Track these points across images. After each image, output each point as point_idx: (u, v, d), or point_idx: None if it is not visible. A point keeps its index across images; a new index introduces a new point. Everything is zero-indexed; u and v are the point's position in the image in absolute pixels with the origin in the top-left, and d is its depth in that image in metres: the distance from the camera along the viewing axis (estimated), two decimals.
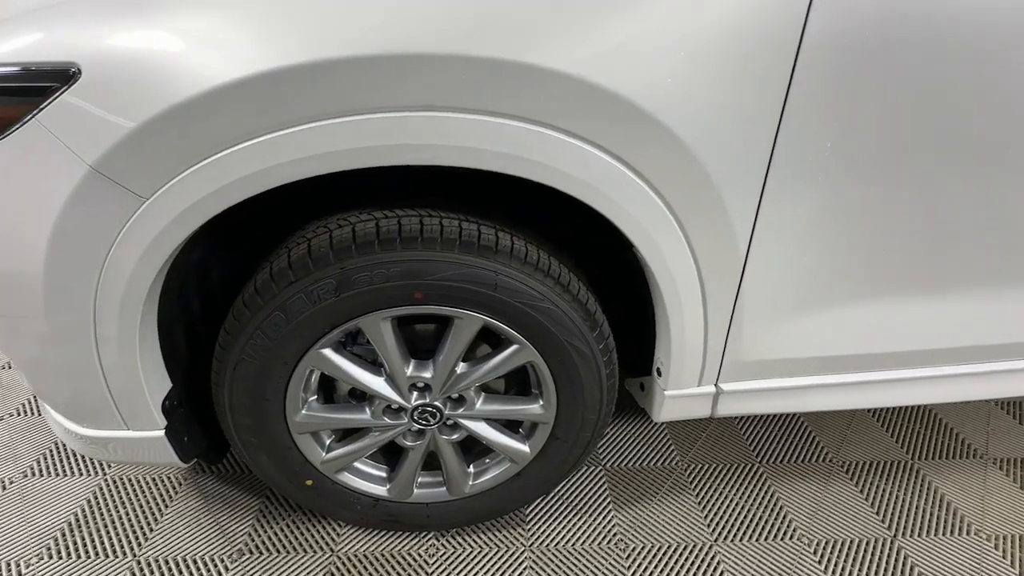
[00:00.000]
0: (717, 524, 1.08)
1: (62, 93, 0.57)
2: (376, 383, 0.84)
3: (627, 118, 0.62)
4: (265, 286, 0.73)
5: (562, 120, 0.61)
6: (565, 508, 1.11)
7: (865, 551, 1.04)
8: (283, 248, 0.75)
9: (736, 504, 1.13)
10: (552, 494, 1.14)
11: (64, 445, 1.23)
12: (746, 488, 1.17)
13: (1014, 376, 0.93)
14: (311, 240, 0.72)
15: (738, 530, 1.07)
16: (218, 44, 0.56)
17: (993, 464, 1.25)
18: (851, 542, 1.05)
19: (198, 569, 0.98)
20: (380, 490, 0.97)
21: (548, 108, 0.60)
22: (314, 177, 0.64)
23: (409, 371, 0.83)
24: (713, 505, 1.13)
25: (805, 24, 0.61)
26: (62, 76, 0.57)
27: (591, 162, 0.65)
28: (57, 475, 1.17)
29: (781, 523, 1.09)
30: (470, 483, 0.98)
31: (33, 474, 1.17)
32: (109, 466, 1.19)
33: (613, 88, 0.59)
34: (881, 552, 1.03)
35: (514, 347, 0.82)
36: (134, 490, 1.13)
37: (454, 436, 0.92)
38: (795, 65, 0.63)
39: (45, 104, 0.58)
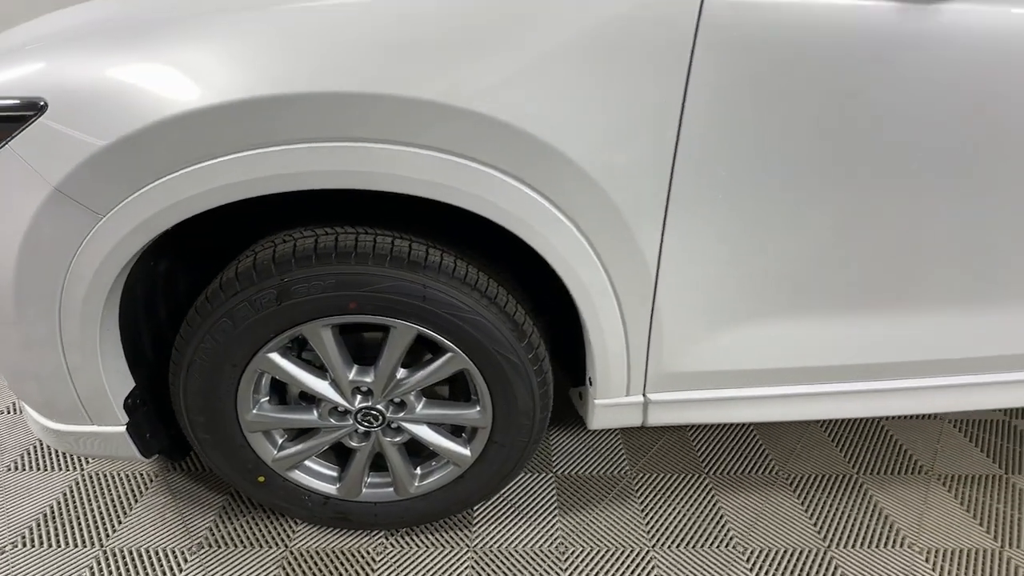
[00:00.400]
0: (657, 531, 1.13)
1: (31, 123, 0.66)
2: (320, 386, 0.90)
3: (528, 148, 0.69)
4: (215, 295, 0.80)
5: (470, 150, 0.68)
6: (511, 512, 1.16)
7: (797, 560, 1.07)
8: (234, 261, 0.83)
9: (678, 512, 1.17)
10: (500, 498, 1.19)
11: None
12: (690, 498, 1.21)
13: (928, 393, 0.98)
14: (258, 253, 0.80)
15: (676, 537, 1.11)
16: (162, 84, 0.64)
17: (937, 481, 1.28)
18: (784, 551, 1.09)
19: (159, 560, 1.04)
20: (330, 488, 1.03)
21: (453, 139, 0.68)
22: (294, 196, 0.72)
23: (351, 375, 0.90)
24: (656, 513, 1.17)
25: (691, 61, 0.67)
26: (32, 108, 0.66)
27: (502, 188, 0.71)
28: (38, 469, 1.24)
29: (719, 532, 1.13)
30: (416, 484, 1.03)
31: (16, 468, 1.25)
32: (87, 462, 1.26)
33: (508, 120, 0.66)
34: (813, 562, 1.07)
35: (448, 355, 0.88)
36: (108, 484, 1.21)
37: (397, 438, 0.98)
38: (685, 99, 0.69)
39: (17, 132, 0.66)
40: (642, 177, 0.73)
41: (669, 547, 1.09)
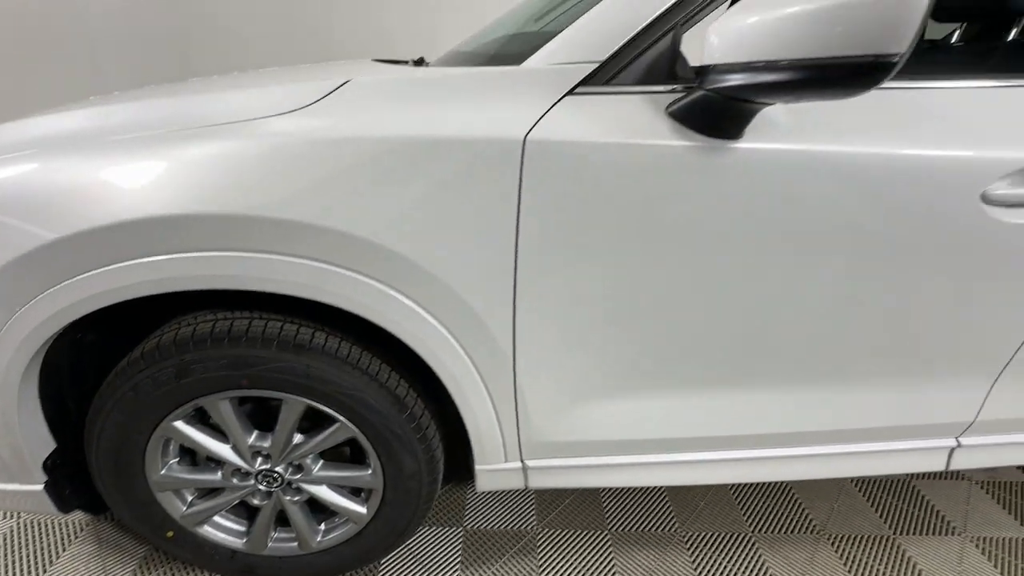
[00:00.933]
0: None
1: None
2: (222, 450, 1.00)
3: (383, 258, 0.80)
4: (123, 371, 0.91)
5: (337, 258, 0.80)
6: (416, 566, 1.24)
7: None
8: (144, 341, 0.94)
9: (573, 570, 1.24)
10: (408, 552, 1.27)
11: None
12: (587, 554, 1.28)
13: (770, 462, 1.07)
14: (162, 335, 0.91)
15: None
16: (57, 209, 0.76)
17: (827, 540, 1.35)
18: None
19: None
20: (237, 543, 1.11)
21: (320, 250, 0.79)
22: None
23: (251, 440, 1.00)
24: (551, 570, 1.24)
25: (520, 187, 0.79)
26: None
27: (367, 291, 0.83)
28: None
29: None
30: (318, 539, 1.11)
31: None
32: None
33: (362, 235, 0.78)
34: None
35: (337, 424, 0.98)
36: (41, 532, 1.28)
37: (297, 497, 1.07)
38: (518, 220, 0.81)
39: None
40: (491, 282, 0.85)
41: None
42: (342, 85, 0.83)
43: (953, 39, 1.40)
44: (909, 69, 0.84)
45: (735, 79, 0.71)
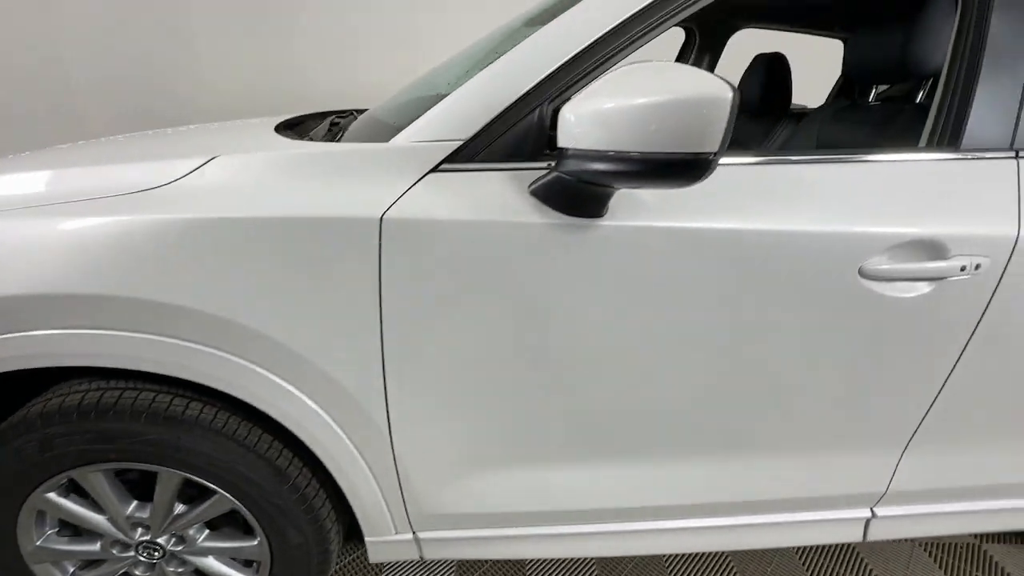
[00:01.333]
0: None
1: None
2: (97, 521, 0.97)
3: (244, 337, 0.79)
4: None
5: (197, 337, 0.79)
6: None
7: None
8: (15, 413, 0.92)
9: None
10: None
11: None
12: None
13: (671, 534, 1.04)
14: (31, 407, 0.89)
15: None
16: None
17: None
18: None
19: None
20: None
21: (178, 328, 0.78)
22: None
23: (128, 511, 0.97)
24: None
25: (380, 266, 0.78)
26: None
27: (232, 368, 0.81)
28: None
29: None
30: None
31: None
32: None
33: (216, 313, 0.77)
34: None
35: (216, 496, 0.95)
36: None
37: (181, 569, 1.04)
38: (381, 300, 0.80)
39: None
40: (359, 359, 0.83)
41: None
42: (207, 162, 0.83)
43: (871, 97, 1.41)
44: (788, 145, 0.84)
45: (582, 165, 0.71)
